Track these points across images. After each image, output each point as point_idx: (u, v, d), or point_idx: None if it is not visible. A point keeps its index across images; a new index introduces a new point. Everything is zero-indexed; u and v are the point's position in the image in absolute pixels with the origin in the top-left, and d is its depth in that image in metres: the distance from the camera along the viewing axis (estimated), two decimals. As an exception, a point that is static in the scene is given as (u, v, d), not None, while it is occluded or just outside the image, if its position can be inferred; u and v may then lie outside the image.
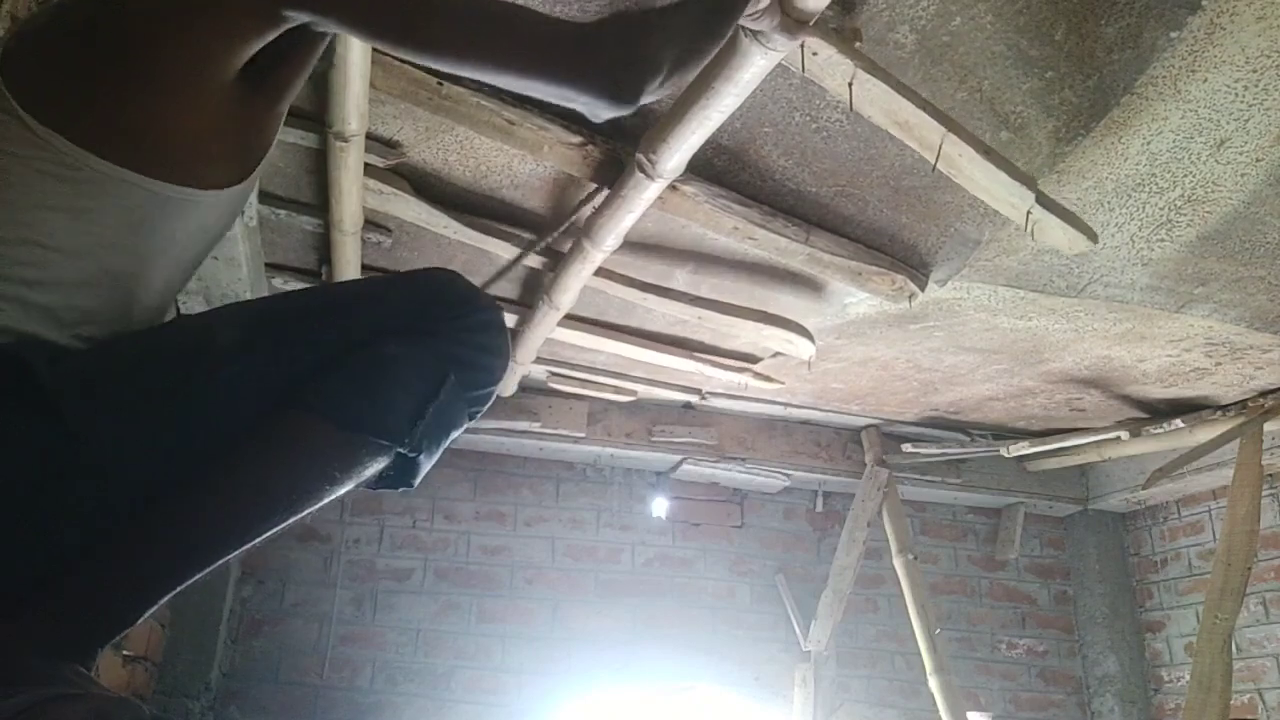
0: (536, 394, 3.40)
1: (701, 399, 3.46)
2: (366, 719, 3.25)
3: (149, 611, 0.92)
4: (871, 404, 3.51)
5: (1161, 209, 2.09)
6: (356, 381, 0.95)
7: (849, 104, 1.63)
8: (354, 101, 1.73)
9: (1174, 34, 1.57)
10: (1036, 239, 1.87)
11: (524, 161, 2.09)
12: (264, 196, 2.20)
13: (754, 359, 3.06)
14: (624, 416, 3.53)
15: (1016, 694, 3.84)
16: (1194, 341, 2.74)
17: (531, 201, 2.26)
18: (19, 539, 0.88)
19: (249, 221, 2.12)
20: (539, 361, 3.08)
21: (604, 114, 1.05)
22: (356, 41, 1.55)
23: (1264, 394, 3.06)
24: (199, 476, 0.91)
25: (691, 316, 2.63)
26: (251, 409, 0.94)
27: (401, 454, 0.99)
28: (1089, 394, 3.24)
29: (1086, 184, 1.99)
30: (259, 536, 0.94)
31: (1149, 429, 3.30)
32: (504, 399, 3.27)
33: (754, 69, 1.52)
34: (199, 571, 0.92)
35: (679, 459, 3.60)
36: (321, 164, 2.04)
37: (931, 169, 1.72)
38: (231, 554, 0.94)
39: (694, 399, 3.46)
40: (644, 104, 1.07)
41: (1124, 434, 3.34)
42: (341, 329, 0.99)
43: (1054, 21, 1.61)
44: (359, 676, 3.30)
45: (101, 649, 0.90)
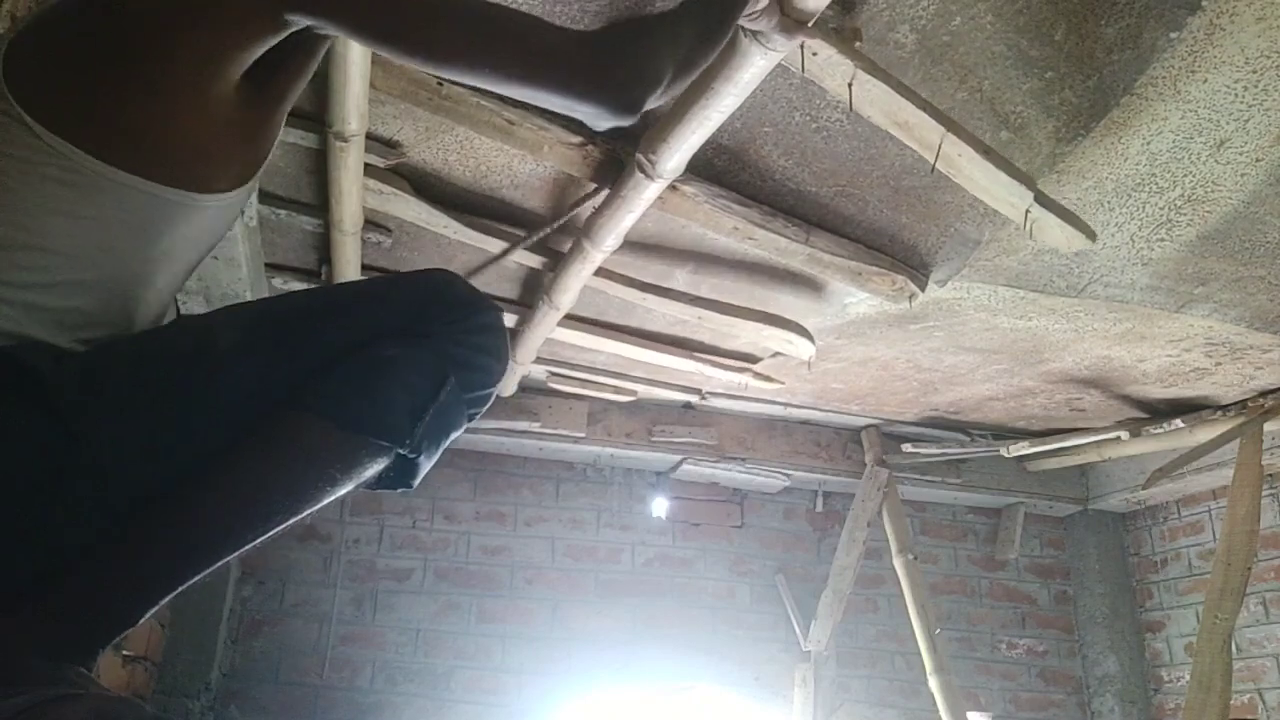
0: (536, 394, 3.40)
1: (701, 399, 3.46)
2: (366, 719, 3.25)
3: (150, 612, 0.92)
4: (871, 404, 3.51)
5: (1161, 209, 2.09)
6: (356, 382, 0.95)
7: (849, 104, 1.63)
8: (354, 101, 1.73)
9: (1174, 34, 1.57)
10: (1035, 238, 1.87)
11: (524, 161, 2.09)
12: (264, 196, 2.20)
13: (754, 359, 3.06)
14: (624, 416, 3.53)
15: (1016, 694, 3.84)
16: (1194, 341, 2.74)
17: (532, 201, 2.26)
18: (19, 538, 0.88)
19: (249, 221, 2.12)
20: (539, 361, 3.08)
21: (606, 124, 1.05)
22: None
23: (1264, 394, 3.06)
24: (199, 477, 0.92)
25: (691, 316, 2.63)
26: (252, 410, 0.94)
27: (401, 454, 0.99)
28: (1089, 394, 3.24)
29: (1086, 184, 1.99)
30: (259, 537, 0.94)
31: (1149, 429, 3.30)
32: (504, 399, 3.27)
33: (754, 69, 1.52)
34: (199, 572, 0.92)
35: (679, 459, 3.60)
36: (321, 164, 2.04)
37: (931, 169, 1.72)
38: (232, 555, 0.94)
39: (694, 399, 3.46)
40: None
41: (1124, 434, 3.34)
42: (341, 330, 0.99)
43: (1054, 22, 1.61)
44: (359, 676, 3.30)
45: (102, 649, 0.90)
